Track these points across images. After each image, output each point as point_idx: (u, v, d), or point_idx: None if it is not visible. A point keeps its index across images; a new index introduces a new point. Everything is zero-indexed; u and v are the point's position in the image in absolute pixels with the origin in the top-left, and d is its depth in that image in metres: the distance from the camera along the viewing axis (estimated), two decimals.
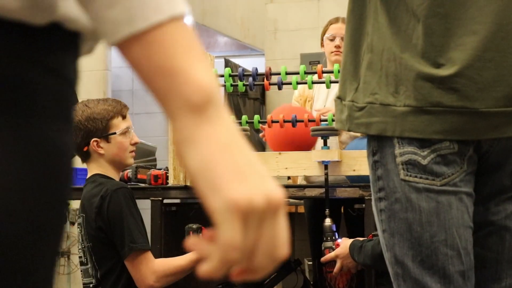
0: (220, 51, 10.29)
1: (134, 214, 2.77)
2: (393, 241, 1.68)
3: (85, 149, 2.90)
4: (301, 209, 5.40)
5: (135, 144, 2.96)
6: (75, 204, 6.29)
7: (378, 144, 1.69)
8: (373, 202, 1.75)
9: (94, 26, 0.82)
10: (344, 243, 3.03)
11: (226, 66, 6.07)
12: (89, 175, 2.94)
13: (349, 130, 1.73)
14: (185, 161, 0.80)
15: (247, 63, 6.60)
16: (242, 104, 6.36)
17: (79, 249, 2.88)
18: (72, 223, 6.44)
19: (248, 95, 6.42)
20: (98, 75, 6.50)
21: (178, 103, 0.80)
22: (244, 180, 0.79)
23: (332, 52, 3.97)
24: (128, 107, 2.99)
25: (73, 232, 6.47)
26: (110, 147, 2.90)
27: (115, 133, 2.89)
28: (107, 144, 2.89)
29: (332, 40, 3.98)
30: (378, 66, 1.66)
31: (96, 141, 2.87)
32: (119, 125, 2.91)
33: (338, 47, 3.93)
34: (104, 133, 2.88)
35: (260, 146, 6.53)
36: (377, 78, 1.66)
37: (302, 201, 5.20)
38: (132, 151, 2.96)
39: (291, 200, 5.30)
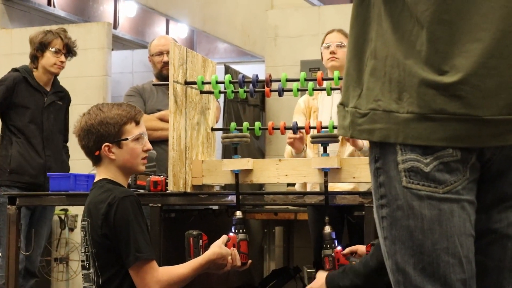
0: (220, 57, 10.30)
1: (140, 223, 2.74)
2: (395, 248, 1.68)
3: (97, 153, 2.86)
4: (300, 216, 5.38)
5: (147, 151, 2.92)
6: (74, 210, 6.28)
7: (380, 151, 1.69)
8: (374, 209, 1.74)
9: None
10: (319, 276, 2.97)
11: (226, 72, 6.06)
12: (97, 179, 2.89)
13: (351, 137, 1.72)
14: None
15: (247, 70, 6.60)
16: (242, 111, 6.36)
17: (82, 252, 2.85)
18: (71, 229, 6.42)
19: (248, 102, 6.42)
20: (98, 81, 6.50)
21: None
22: None
23: (328, 59, 4.06)
24: (142, 113, 2.94)
25: (72, 238, 6.44)
26: (122, 153, 2.85)
27: (127, 139, 2.85)
28: (119, 149, 2.84)
29: (327, 48, 4.08)
30: (382, 73, 1.66)
31: (108, 146, 2.82)
32: (132, 131, 2.86)
33: (333, 53, 4.04)
34: (116, 139, 2.82)
35: (259, 153, 6.53)
36: (381, 84, 1.65)
37: (301, 208, 5.20)
38: (144, 158, 2.91)
39: (290, 207, 5.29)
